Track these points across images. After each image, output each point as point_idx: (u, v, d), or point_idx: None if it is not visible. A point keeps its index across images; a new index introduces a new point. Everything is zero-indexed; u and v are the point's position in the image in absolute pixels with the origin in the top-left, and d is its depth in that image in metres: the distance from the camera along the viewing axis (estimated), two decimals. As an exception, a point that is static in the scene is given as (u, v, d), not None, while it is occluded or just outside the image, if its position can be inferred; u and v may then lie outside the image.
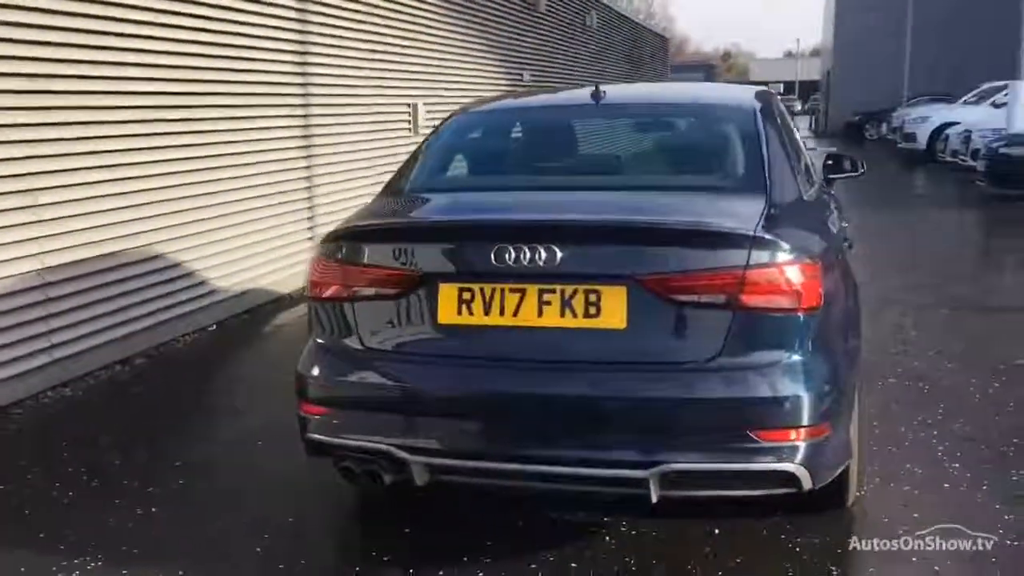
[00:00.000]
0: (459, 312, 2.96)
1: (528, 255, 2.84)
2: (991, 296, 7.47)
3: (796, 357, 2.82)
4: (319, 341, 3.22)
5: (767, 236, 2.81)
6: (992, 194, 13.33)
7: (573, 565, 3.16)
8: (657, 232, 2.90)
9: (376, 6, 9.01)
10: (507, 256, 2.86)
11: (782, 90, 74.62)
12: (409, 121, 9.92)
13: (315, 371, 3.18)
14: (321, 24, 8.05)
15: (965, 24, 29.97)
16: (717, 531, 3.35)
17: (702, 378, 2.80)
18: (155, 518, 3.63)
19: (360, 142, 8.87)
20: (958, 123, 18.81)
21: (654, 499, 2.83)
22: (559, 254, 2.83)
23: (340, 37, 8.37)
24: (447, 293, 2.97)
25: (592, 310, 2.85)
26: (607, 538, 3.34)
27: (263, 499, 3.80)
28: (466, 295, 2.95)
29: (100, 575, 3.21)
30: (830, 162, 4.94)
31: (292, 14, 7.58)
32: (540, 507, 3.58)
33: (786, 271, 2.80)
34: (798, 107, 64.42)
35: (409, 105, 9.89)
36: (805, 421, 2.79)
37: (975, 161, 15.16)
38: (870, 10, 32.84)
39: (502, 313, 2.92)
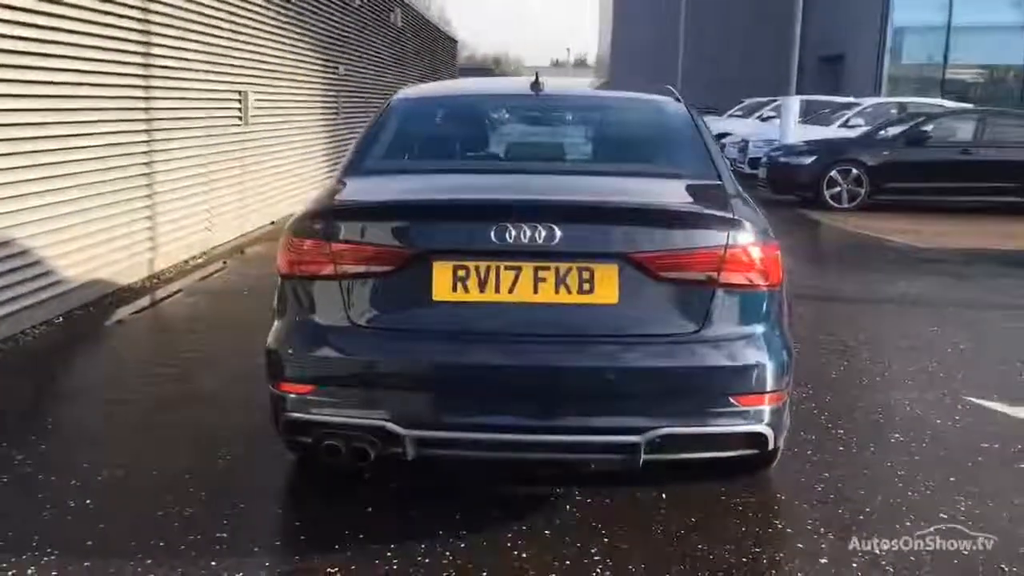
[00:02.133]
0: (454, 289, 3.04)
1: (528, 233, 2.98)
2: (804, 286, 8.26)
3: (764, 329, 3.14)
4: (299, 319, 3.19)
5: (742, 219, 3.11)
6: (773, 199, 14.62)
7: (547, 532, 3.31)
8: (650, 213, 3.13)
9: (210, -11, 8.70)
10: (507, 234, 2.99)
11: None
12: (239, 109, 9.63)
13: (296, 349, 3.16)
14: (159, 12, 7.68)
15: (731, 41, 32.48)
16: (665, 495, 3.61)
17: (689, 349, 3.05)
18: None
19: (195, 128, 8.52)
20: (731, 134, 20.44)
21: (640, 463, 3.04)
22: (558, 233, 2.99)
23: (176, 18, 8.01)
24: (441, 271, 3.05)
25: (586, 286, 3.02)
26: (568, 507, 3.51)
27: (203, 487, 3.68)
28: (460, 272, 3.04)
29: None
30: None
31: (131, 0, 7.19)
32: (492, 481, 3.71)
33: (758, 251, 3.11)
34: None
35: (239, 93, 9.60)
36: (772, 386, 3.11)
37: (753, 169, 16.57)
38: (644, 25, 34.86)
39: (497, 290, 3.04)
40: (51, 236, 6.16)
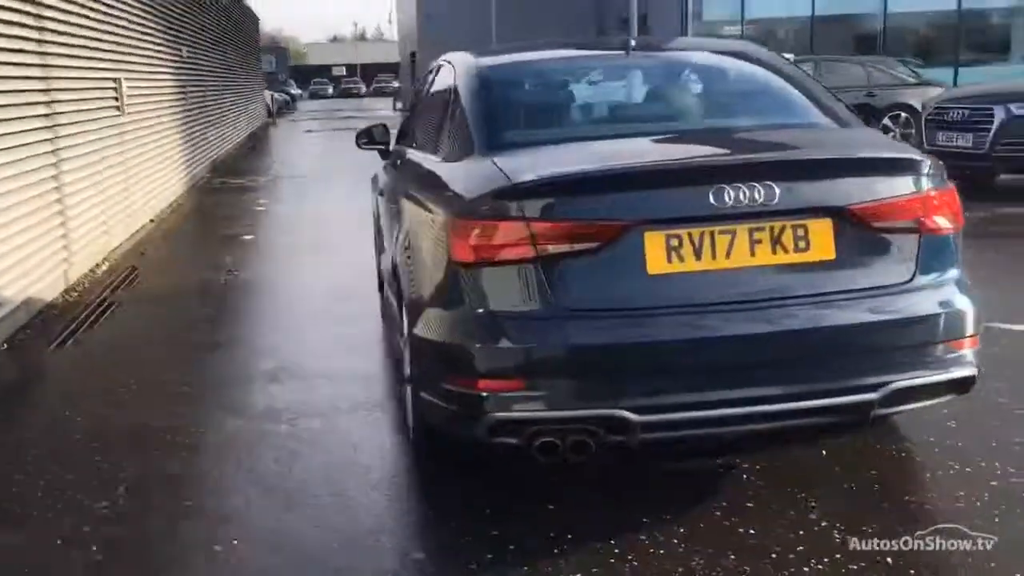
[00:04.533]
0: (669, 260, 2.83)
1: (747, 194, 2.81)
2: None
3: (958, 272, 3.12)
4: (489, 309, 2.88)
5: (931, 162, 3.06)
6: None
7: (749, 505, 3.16)
8: (859, 164, 3.04)
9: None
10: (726, 196, 2.80)
11: (344, 72, 76.34)
12: (116, 98, 8.74)
13: (491, 342, 2.87)
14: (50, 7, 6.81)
15: (545, 5, 32.56)
16: (824, 452, 3.53)
17: (906, 298, 2.97)
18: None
19: (84, 122, 7.64)
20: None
21: (871, 420, 2.96)
22: (776, 191, 2.83)
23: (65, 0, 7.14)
24: (654, 241, 2.82)
25: (802, 244, 2.89)
26: (745, 477, 3.37)
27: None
28: (674, 242, 2.83)
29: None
30: None
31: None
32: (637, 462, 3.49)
33: (948, 193, 3.08)
34: (364, 89, 66.13)
35: (115, 80, 8.71)
36: (975, 329, 3.09)
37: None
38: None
39: (714, 256, 2.85)
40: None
